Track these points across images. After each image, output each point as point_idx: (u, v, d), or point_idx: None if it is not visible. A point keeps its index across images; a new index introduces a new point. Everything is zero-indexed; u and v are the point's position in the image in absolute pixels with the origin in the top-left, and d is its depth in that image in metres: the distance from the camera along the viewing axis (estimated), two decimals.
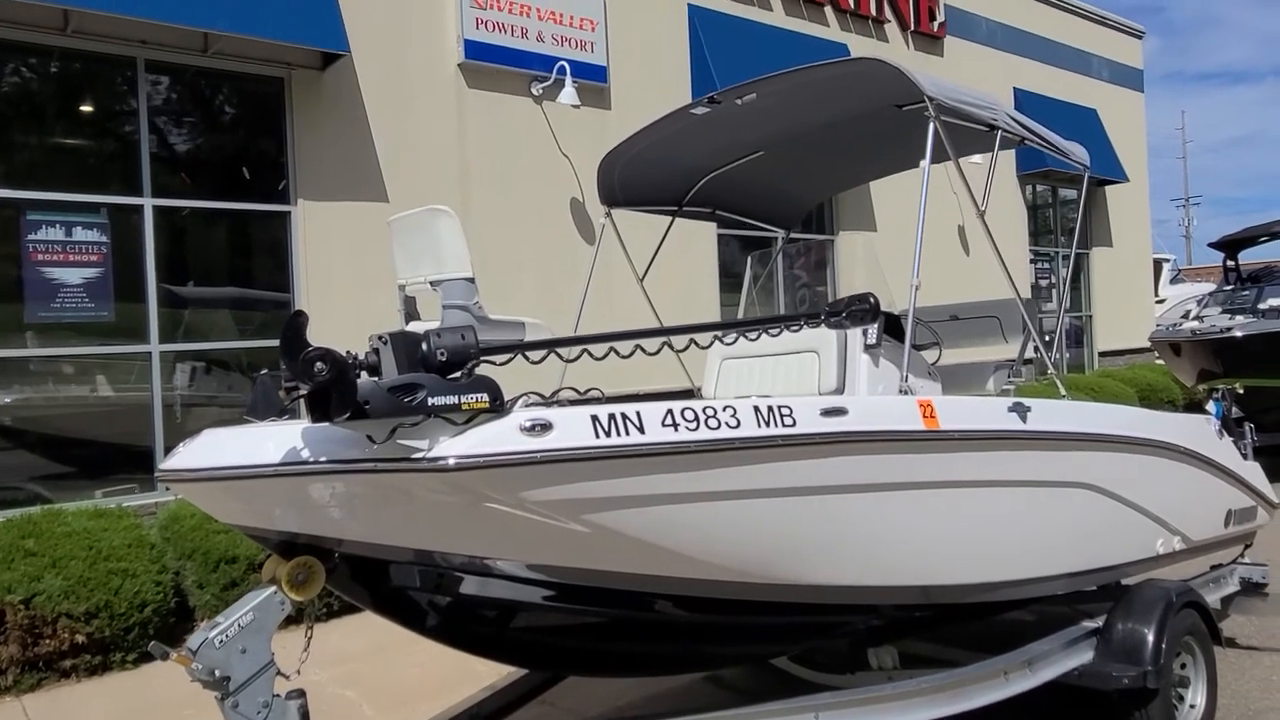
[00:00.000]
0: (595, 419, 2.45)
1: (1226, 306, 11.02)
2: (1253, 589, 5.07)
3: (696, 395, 4.53)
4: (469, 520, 2.49)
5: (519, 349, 2.73)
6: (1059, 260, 15.00)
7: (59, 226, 6.49)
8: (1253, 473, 5.04)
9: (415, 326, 3.01)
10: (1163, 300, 19.74)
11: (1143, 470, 4.12)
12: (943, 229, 11.77)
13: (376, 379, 2.28)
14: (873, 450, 3.00)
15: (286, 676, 2.63)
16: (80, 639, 5.12)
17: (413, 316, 3.30)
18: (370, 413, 2.19)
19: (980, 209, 3.88)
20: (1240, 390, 7.96)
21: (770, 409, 2.74)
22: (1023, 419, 3.51)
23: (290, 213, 7.42)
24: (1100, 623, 3.93)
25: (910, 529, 3.18)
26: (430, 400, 2.23)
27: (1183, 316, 11.59)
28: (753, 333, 3.80)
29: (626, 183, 4.77)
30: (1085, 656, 3.83)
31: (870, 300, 3.55)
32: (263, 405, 2.26)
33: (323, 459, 2.36)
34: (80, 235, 6.57)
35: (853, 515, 3.00)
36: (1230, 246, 12.12)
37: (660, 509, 2.61)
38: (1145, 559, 4.24)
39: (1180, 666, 4.01)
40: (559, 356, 2.92)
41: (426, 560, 2.71)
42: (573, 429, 2.41)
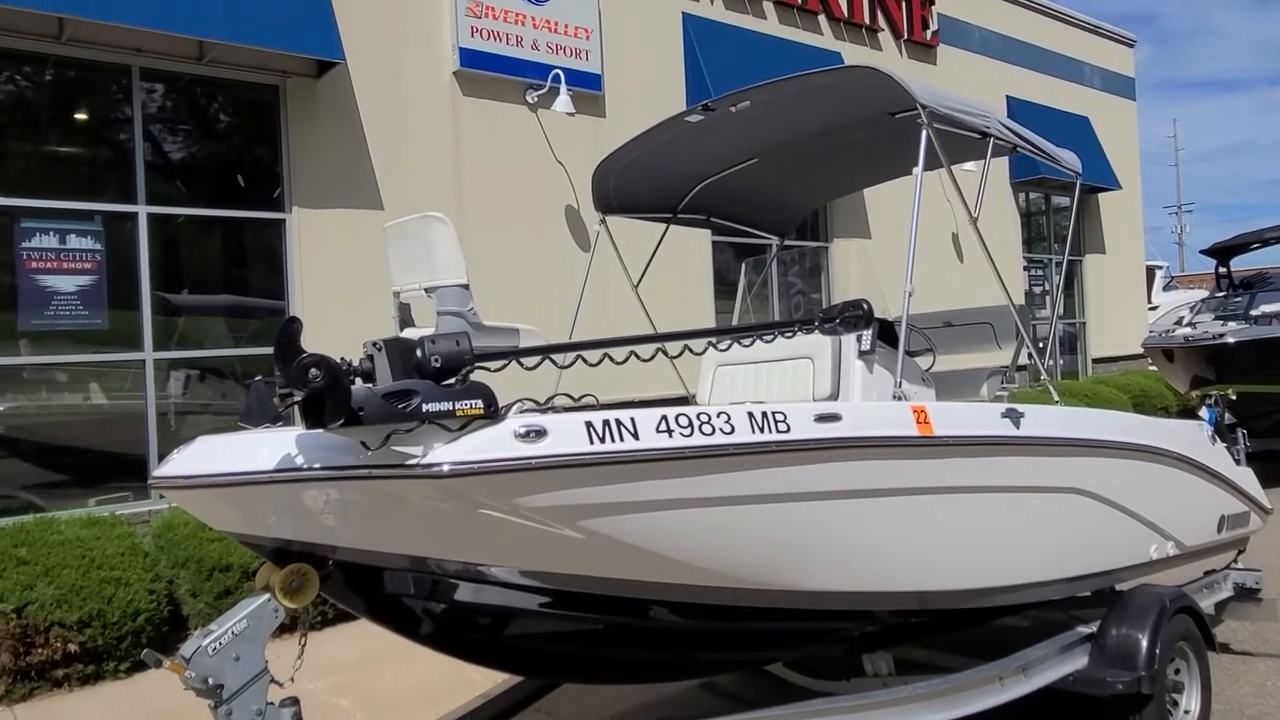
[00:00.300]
0: (590, 425, 2.46)
1: (1219, 313, 11.06)
2: (1246, 594, 5.08)
3: (691, 402, 4.54)
4: (463, 527, 2.49)
5: (513, 355, 2.74)
6: (1052, 267, 15.05)
7: (53, 234, 6.49)
8: (1245, 478, 5.06)
9: (410, 333, 3.01)
10: (1156, 307, 19.78)
11: (1136, 476, 4.13)
12: (937, 236, 11.81)
13: (371, 385, 2.28)
14: (867, 456, 3.00)
15: (280, 684, 2.62)
16: (73, 648, 5.10)
17: (407, 323, 3.30)
18: (364, 419, 2.19)
19: (973, 215, 3.90)
20: (1233, 396, 8.01)
21: (764, 415, 2.74)
22: (1016, 425, 3.52)
23: (285, 220, 7.42)
24: (1094, 628, 3.94)
25: (905, 535, 3.18)
26: (424, 407, 2.24)
27: (1176, 323, 11.62)
28: (750, 340, 3.81)
29: (621, 190, 4.78)
30: (1080, 662, 3.84)
31: (864, 306, 3.57)
32: (257, 412, 2.26)
33: (317, 466, 2.35)
34: (74, 243, 6.57)
35: (847, 521, 3.01)
36: (1222, 253, 12.18)
37: (655, 515, 2.61)
38: (1139, 564, 4.25)
39: (1174, 672, 4.01)
40: (553, 363, 2.92)
41: (421, 567, 2.70)
42: (567, 435, 2.42)
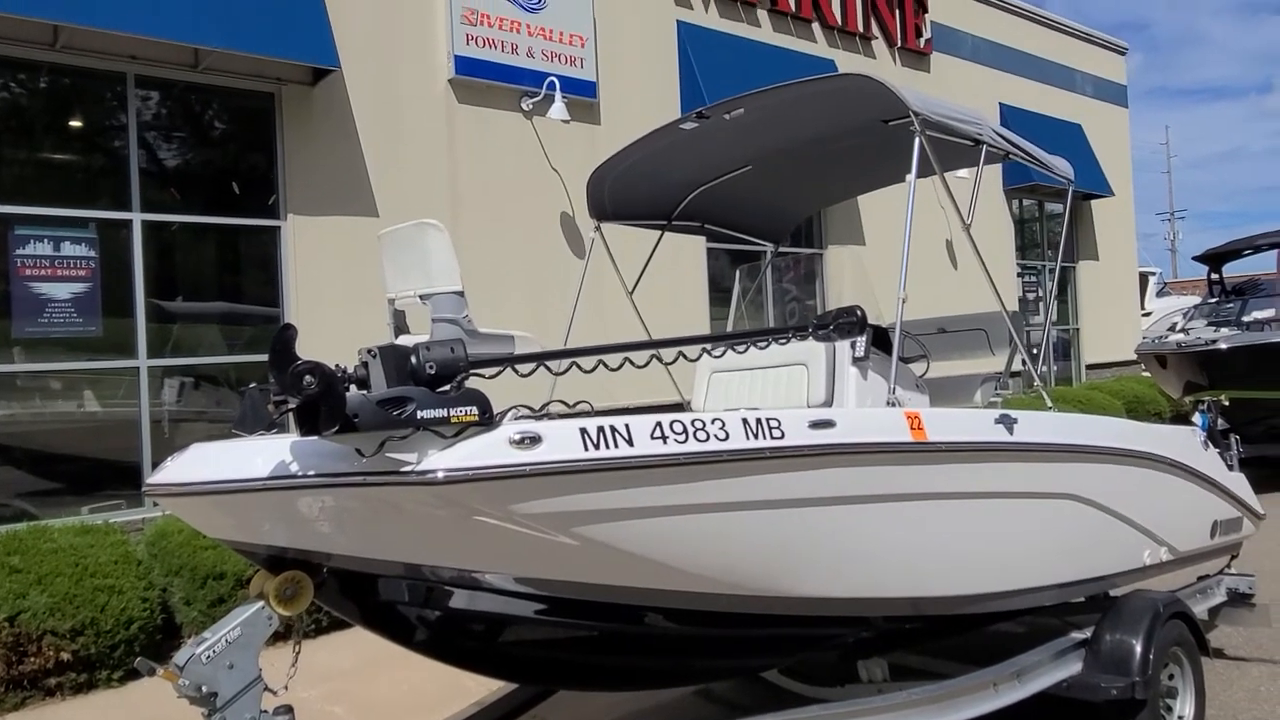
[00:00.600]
0: (584, 432, 2.46)
1: (1211, 319, 11.10)
2: (1240, 599, 5.09)
3: (686, 409, 4.54)
4: (458, 534, 2.49)
5: (508, 362, 2.74)
6: (1046, 273, 15.10)
7: (47, 241, 6.48)
8: (1238, 484, 5.08)
9: (405, 340, 3.01)
10: (1149, 313, 19.85)
11: (1129, 481, 4.14)
12: (931, 243, 11.85)
13: (365, 392, 2.28)
14: (861, 462, 3.01)
15: (274, 692, 2.62)
16: (65, 657, 5.08)
17: (402, 330, 3.30)
18: (359, 426, 2.19)
19: (966, 222, 3.92)
20: (1226, 402, 8.02)
21: (759, 421, 2.75)
22: (1009, 431, 3.53)
23: (280, 227, 7.42)
24: (1088, 634, 3.95)
25: (899, 541, 3.19)
26: (419, 413, 2.24)
27: (1169, 329, 11.66)
28: (744, 346, 3.82)
29: (616, 197, 4.79)
30: (1074, 668, 3.84)
31: (857, 313, 3.58)
32: (251, 419, 2.26)
33: (311, 473, 2.35)
34: (68, 250, 6.56)
35: (841, 527, 3.01)
36: (1215, 260, 12.23)
37: (649, 522, 2.61)
38: (1132, 570, 4.26)
39: (1168, 677, 4.02)
40: (548, 370, 2.93)
41: (415, 574, 2.70)
42: (562, 442, 2.42)
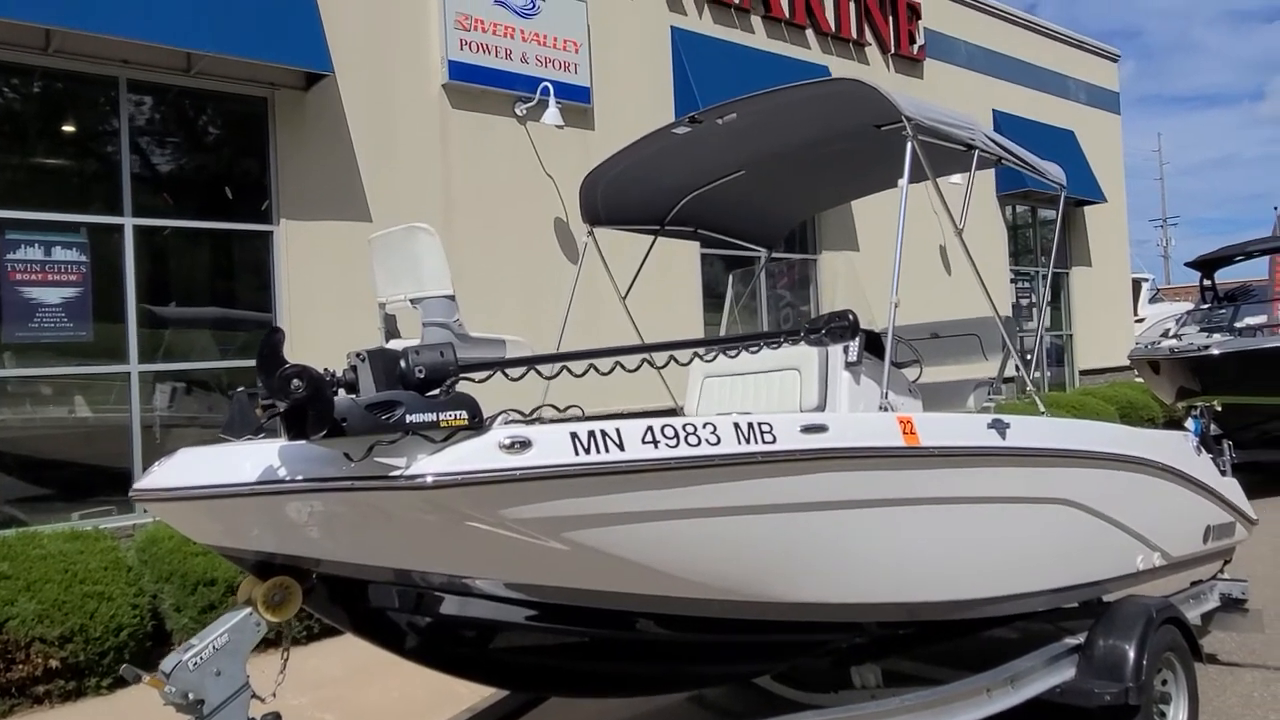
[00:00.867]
0: (575, 436, 2.45)
1: (1204, 325, 11.15)
2: (1233, 605, 5.09)
3: (680, 414, 4.53)
4: (448, 539, 2.47)
5: (498, 366, 2.73)
6: (1039, 279, 15.14)
7: (38, 246, 6.45)
8: (1231, 489, 5.08)
9: (395, 345, 3.00)
10: (1142, 319, 19.92)
11: (1122, 486, 4.14)
12: (924, 249, 11.86)
13: (354, 396, 2.27)
14: (853, 467, 3.00)
15: (262, 699, 2.59)
16: (54, 664, 5.04)
17: (393, 335, 3.29)
18: (347, 430, 2.17)
19: (958, 227, 3.92)
20: (1218, 408, 8.04)
21: (750, 426, 2.74)
22: (1002, 435, 3.53)
23: (273, 232, 7.40)
24: (1082, 639, 3.94)
25: (892, 546, 3.18)
26: (408, 418, 2.23)
27: (1162, 335, 11.71)
28: (735, 350, 3.81)
29: (609, 202, 4.79)
30: (1067, 673, 3.84)
31: (849, 317, 3.58)
32: (239, 423, 2.24)
33: (299, 477, 2.34)
34: (59, 255, 6.53)
35: (834, 532, 3.00)
36: (1207, 266, 12.29)
37: (641, 527, 2.60)
38: (1126, 575, 4.26)
39: (1161, 683, 4.02)
40: (539, 374, 2.92)
41: (405, 580, 2.68)
42: (552, 446, 2.41)
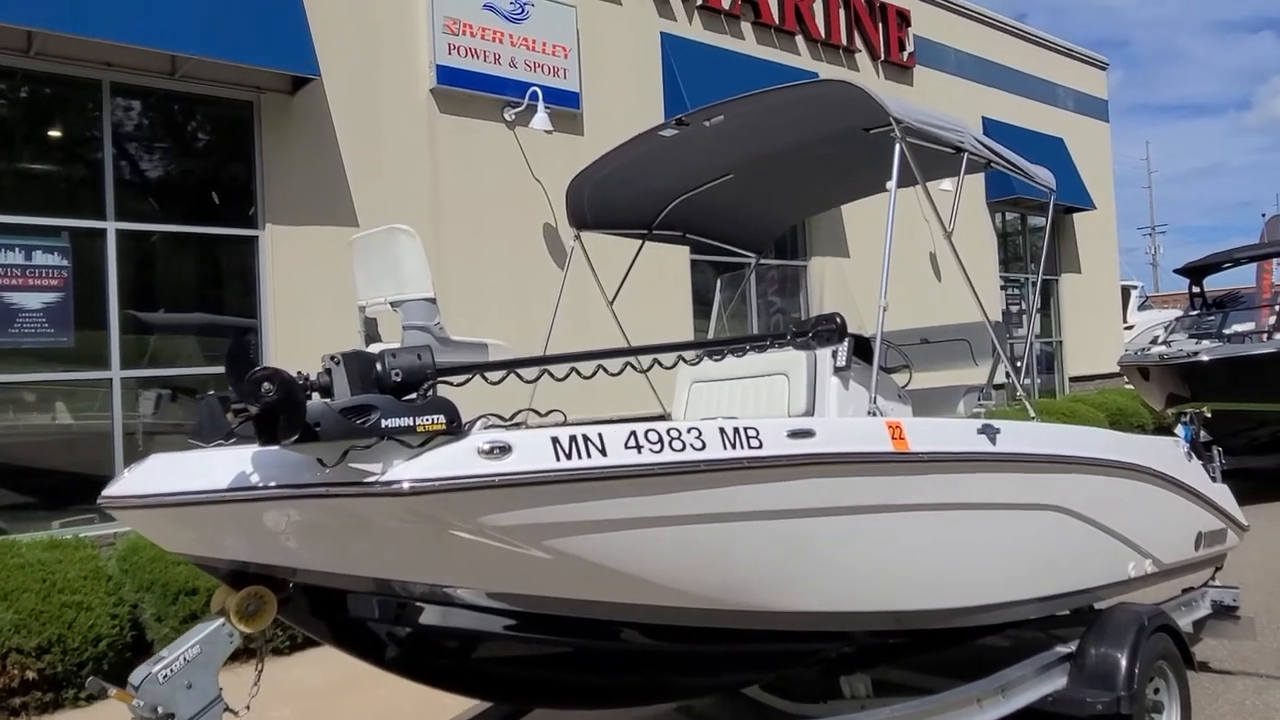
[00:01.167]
0: (556, 441, 2.39)
1: (1193, 331, 11.17)
2: (1224, 612, 5.06)
3: (668, 419, 4.47)
4: (425, 547, 2.41)
5: (476, 370, 2.67)
6: (1029, 286, 15.16)
7: (18, 250, 6.36)
8: (1222, 495, 5.05)
9: (376, 349, 2.94)
10: (1131, 326, 20.00)
11: (1113, 493, 4.11)
12: (915, 256, 11.86)
13: (328, 400, 2.21)
14: (841, 473, 2.96)
15: (235, 712, 2.53)
16: (31, 675, 4.96)
17: (374, 338, 3.22)
18: (321, 435, 2.12)
19: (947, 230, 3.88)
20: (1208, 414, 8.02)
21: (736, 430, 2.69)
22: (992, 441, 3.49)
23: (258, 237, 7.33)
24: (1073, 647, 3.91)
25: (880, 553, 3.13)
26: (384, 422, 2.17)
27: (1151, 342, 11.71)
28: (720, 355, 3.76)
29: (595, 205, 4.74)
30: (1059, 682, 3.80)
31: (836, 320, 3.53)
32: (208, 428, 2.17)
33: (272, 484, 2.28)
34: (40, 259, 6.45)
35: (821, 539, 2.95)
36: (1195, 272, 12.32)
37: (624, 534, 2.55)
38: (1117, 582, 4.22)
39: (1153, 692, 3.98)
40: (519, 377, 2.86)
41: (383, 590, 2.62)
42: (533, 451, 2.35)
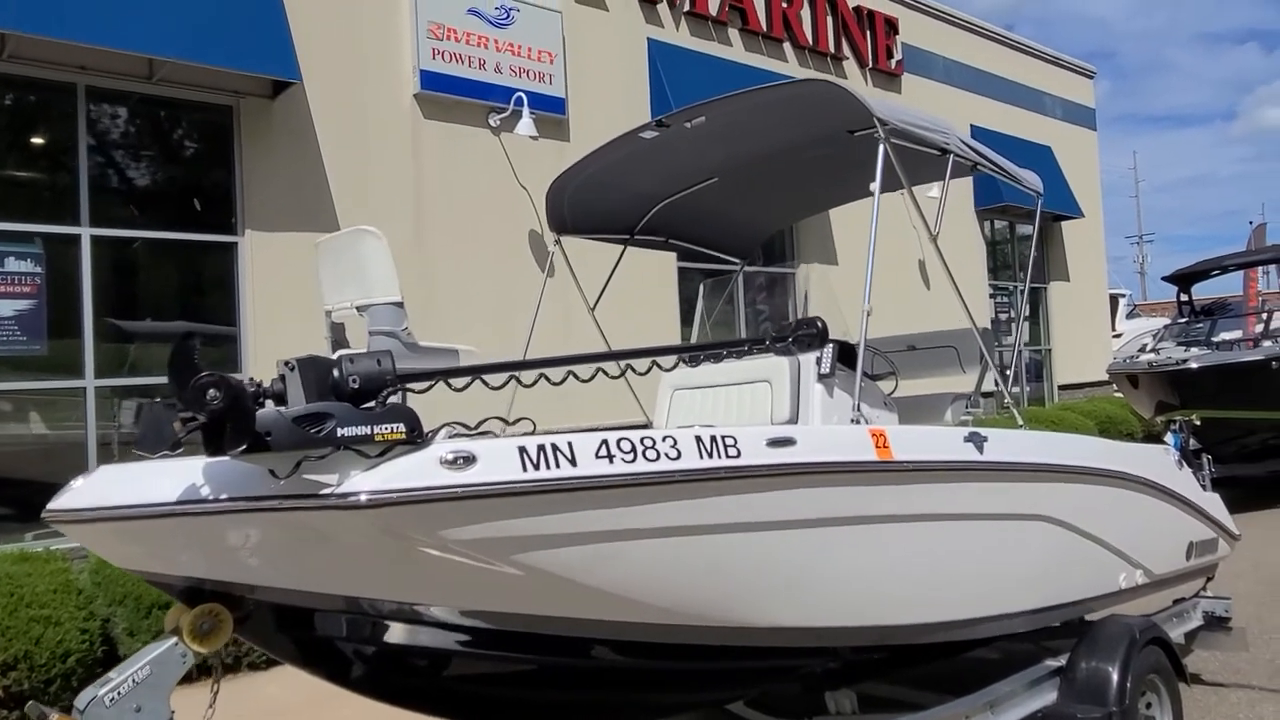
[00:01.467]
0: (523, 451, 2.29)
1: (1181, 339, 11.14)
2: (1216, 623, 4.98)
3: (650, 428, 4.37)
4: (387, 562, 2.31)
5: (439, 376, 2.56)
6: (1018, 294, 15.14)
7: None
8: (1213, 504, 4.97)
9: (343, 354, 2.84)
10: (1120, 334, 20.01)
11: (1103, 502, 4.02)
12: (903, 263, 11.71)
13: (280, 408, 2.10)
14: (823, 483, 2.86)
15: None
16: None
17: (341, 344, 3.13)
18: (272, 445, 2.01)
19: (933, 233, 3.80)
20: (1197, 421, 7.97)
21: (713, 439, 2.59)
22: (979, 449, 3.40)
23: (237, 243, 7.21)
24: (1063, 661, 3.81)
25: (864, 566, 3.03)
26: (339, 431, 2.06)
27: (1140, 349, 11.68)
28: (697, 360, 3.67)
29: (576, 209, 4.65)
30: (1049, 697, 3.71)
31: (818, 324, 3.44)
32: (152, 438, 2.05)
33: (223, 496, 2.17)
34: (12, 266, 6.32)
35: (803, 552, 2.85)
36: (1184, 280, 12.32)
37: (596, 548, 2.44)
38: (1108, 594, 4.13)
39: (1145, 706, 3.89)
40: (485, 384, 2.75)
41: (344, 608, 2.51)
42: (499, 462, 2.24)
